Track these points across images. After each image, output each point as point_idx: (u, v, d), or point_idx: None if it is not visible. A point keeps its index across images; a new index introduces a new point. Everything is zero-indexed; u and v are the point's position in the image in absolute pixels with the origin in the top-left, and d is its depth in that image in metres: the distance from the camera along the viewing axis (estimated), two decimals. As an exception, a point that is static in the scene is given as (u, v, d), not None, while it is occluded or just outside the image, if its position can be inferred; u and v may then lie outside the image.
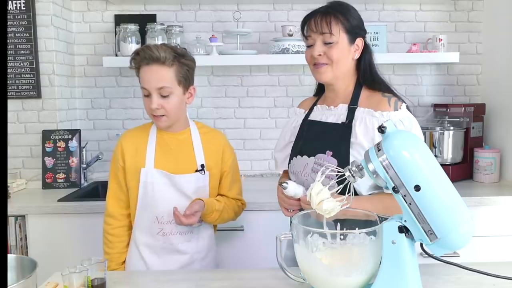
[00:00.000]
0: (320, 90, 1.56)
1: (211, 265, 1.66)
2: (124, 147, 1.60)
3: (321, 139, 1.39)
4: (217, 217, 1.59)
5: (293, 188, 1.33)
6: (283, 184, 1.32)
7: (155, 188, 1.55)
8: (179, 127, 1.62)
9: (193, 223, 1.51)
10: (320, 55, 1.36)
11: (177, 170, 1.57)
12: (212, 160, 1.62)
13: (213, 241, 1.68)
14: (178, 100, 1.54)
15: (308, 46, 1.41)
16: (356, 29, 1.38)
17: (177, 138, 1.61)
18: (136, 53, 1.54)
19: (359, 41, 1.39)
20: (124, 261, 1.61)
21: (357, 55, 1.40)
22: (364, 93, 1.40)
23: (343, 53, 1.36)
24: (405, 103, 1.36)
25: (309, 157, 1.38)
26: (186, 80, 1.55)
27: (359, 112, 1.36)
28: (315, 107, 1.50)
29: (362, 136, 1.31)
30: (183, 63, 1.53)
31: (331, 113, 1.42)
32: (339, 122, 1.38)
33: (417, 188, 0.95)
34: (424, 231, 0.97)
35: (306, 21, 1.40)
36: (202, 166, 1.59)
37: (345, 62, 1.38)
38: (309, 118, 1.49)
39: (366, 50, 1.41)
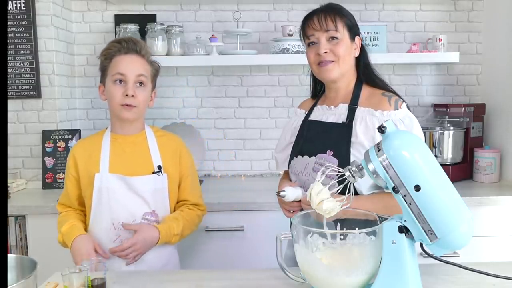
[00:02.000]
0: (316, 91, 1.57)
1: (175, 265, 1.64)
2: (76, 156, 1.57)
3: (322, 139, 1.39)
4: (178, 239, 1.56)
5: (291, 193, 1.32)
6: (281, 193, 1.32)
7: (111, 193, 1.50)
8: (134, 130, 1.58)
9: (136, 255, 1.47)
10: (326, 52, 1.36)
11: (134, 172, 1.52)
12: (169, 162, 1.58)
13: (175, 248, 1.65)
14: (148, 95, 1.56)
15: (309, 46, 1.41)
16: (355, 27, 1.41)
17: (132, 141, 1.57)
18: (117, 41, 1.53)
19: (358, 40, 1.42)
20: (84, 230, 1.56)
21: (357, 53, 1.42)
22: (364, 93, 1.41)
23: (347, 50, 1.38)
24: (405, 102, 1.37)
25: (309, 157, 1.39)
26: (154, 81, 1.60)
27: (360, 111, 1.36)
28: (315, 107, 1.51)
29: (363, 135, 1.31)
30: (154, 66, 1.59)
31: (331, 113, 1.43)
32: (340, 121, 1.38)
33: (417, 188, 0.95)
34: (424, 231, 0.97)
35: (307, 21, 1.41)
36: (159, 167, 1.55)
37: (349, 58, 1.40)
38: (309, 118, 1.49)
39: (363, 49, 1.45)
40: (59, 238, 1.55)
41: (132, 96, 1.49)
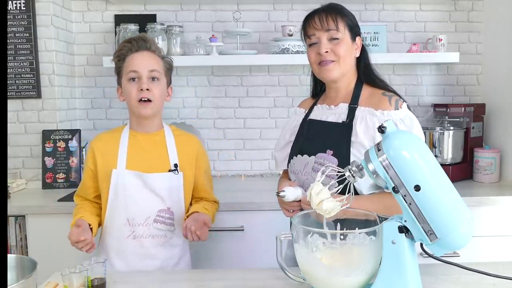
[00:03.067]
0: (317, 91, 1.57)
1: (187, 266, 1.64)
2: (95, 150, 1.58)
3: (322, 138, 1.39)
4: (212, 217, 1.61)
5: (291, 193, 1.32)
6: (281, 194, 1.32)
7: (127, 189, 1.52)
8: (153, 127, 1.60)
9: (205, 235, 1.48)
10: (327, 52, 1.36)
11: (150, 170, 1.54)
12: (186, 162, 1.60)
13: (186, 247, 1.65)
14: (163, 89, 1.58)
15: (310, 46, 1.41)
16: (356, 28, 1.41)
17: (151, 139, 1.59)
18: (128, 41, 1.55)
19: (358, 40, 1.42)
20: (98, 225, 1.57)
21: (357, 53, 1.42)
22: (365, 92, 1.41)
23: (348, 50, 1.38)
24: (405, 102, 1.37)
25: (309, 156, 1.38)
26: (168, 76, 1.62)
27: (360, 111, 1.36)
28: (315, 106, 1.51)
29: (363, 135, 1.31)
30: (167, 61, 1.62)
31: (331, 112, 1.42)
32: (340, 121, 1.38)
33: (417, 188, 0.95)
34: (424, 231, 0.97)
35: (308, 20, 1.40)
36: (176, 165, 1.57)
37: (349, 59, 1.40)
38: (309, 118, 1.49)
39: (364, 49, 1.44)
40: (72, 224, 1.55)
41: (147, 90, 1.51)
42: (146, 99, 1.51)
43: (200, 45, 2.47)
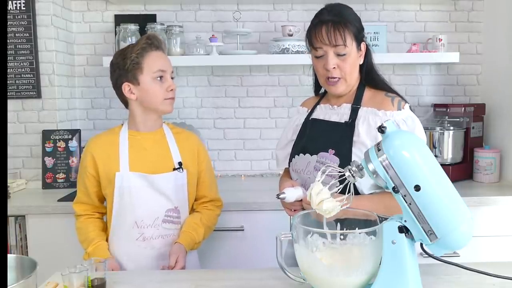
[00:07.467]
0: (319, 88, 1.56)
1: (195, 265, 1.65)
2: (94, 155, 1.55)
3: (324, 138, 1.39)
4: (200, 245, 1.61)
5: (291, 194, 1.32)
6: (281, 196, 1.32)
7: (133, 192, 1.50)
8: (155, 126, 1.60)
9: (183, 265, 1.49)
10: (334, 68, 1.34)
11: (154, 170, 1.53)
12: (188, 159, 1.60)
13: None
14: None
15: (317, 58, 1.37)
16: (360, 34, 1.37)
17: (151, 138, 1.58)
18: (147, 38, 1.55)
19: (363, 46, 1.39)
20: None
21: (361, 60, 1.39)
22: (367, 93, 1.41)
23: (354, 63, 1.36)
24: (407, 103, 1.37)
25: (311, 155, 1.39)
26: None
27: (362, 111, 1.36)
28: (318, 106, 1.51)
29: (365, 135, 1.31)
30: None
31: (334, 112, 1.43)
32: (342, 121, 1.38)
33: (417, 188, 0.95)
34: (424, 231, 0.97)
35: (315, 30, 1.34)
36: (180, 164, 1.56)
37: (355, 71, 1.38)
38: (312, 117, 1.49)
39: (367, 51, 1.42)
40: (85, 257, 1.54)
41: (172, 90, 1.55)
42: (172, 97, 1.56)
43: (200, 45, 2.47)
